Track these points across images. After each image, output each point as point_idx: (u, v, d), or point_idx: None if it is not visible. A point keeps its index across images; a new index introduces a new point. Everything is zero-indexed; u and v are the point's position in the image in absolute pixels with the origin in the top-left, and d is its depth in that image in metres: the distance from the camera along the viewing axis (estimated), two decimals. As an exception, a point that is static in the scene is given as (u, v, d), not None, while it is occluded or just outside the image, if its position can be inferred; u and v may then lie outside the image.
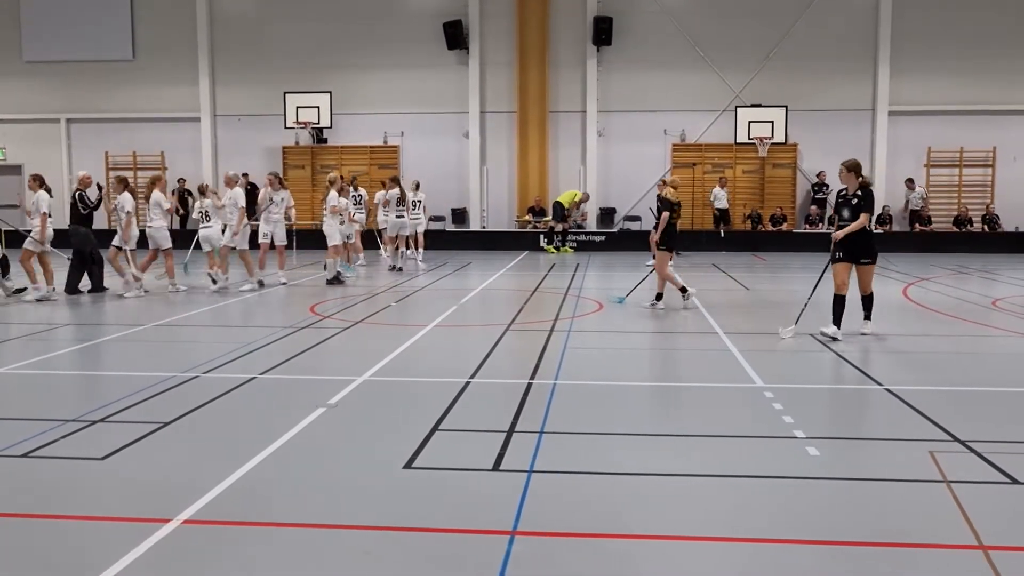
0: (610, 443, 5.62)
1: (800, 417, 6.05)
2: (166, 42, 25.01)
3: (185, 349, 9.09)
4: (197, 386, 7.06)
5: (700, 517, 4.34)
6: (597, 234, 23.74)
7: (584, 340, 9.45)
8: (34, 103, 25.59)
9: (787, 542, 4.00)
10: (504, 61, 24.35)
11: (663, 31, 23.97)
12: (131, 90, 25.21)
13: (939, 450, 5.30)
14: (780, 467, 5.06)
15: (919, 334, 10.32)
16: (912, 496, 4.61)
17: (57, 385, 7.38)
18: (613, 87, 24.27)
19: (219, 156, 25.46)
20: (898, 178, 23.88)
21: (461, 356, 8.46)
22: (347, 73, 24.57)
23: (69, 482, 4.85)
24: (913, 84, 23.60)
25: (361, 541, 4.06)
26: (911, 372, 7.99)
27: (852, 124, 23.88)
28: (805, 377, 7.60)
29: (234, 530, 4.14)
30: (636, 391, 7.11)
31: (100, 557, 3.77)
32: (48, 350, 8.78)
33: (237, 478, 4.78)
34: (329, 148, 25.01)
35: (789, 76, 23.69)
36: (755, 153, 23.90)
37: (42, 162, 25.04)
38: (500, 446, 5.37)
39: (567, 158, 24.70)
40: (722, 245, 23.04)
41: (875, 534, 4.09)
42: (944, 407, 6.41)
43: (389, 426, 6.00)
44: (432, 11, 24.24)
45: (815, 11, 23.61)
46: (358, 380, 7.23)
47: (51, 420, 5.95)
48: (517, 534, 4.05)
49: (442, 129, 24.56)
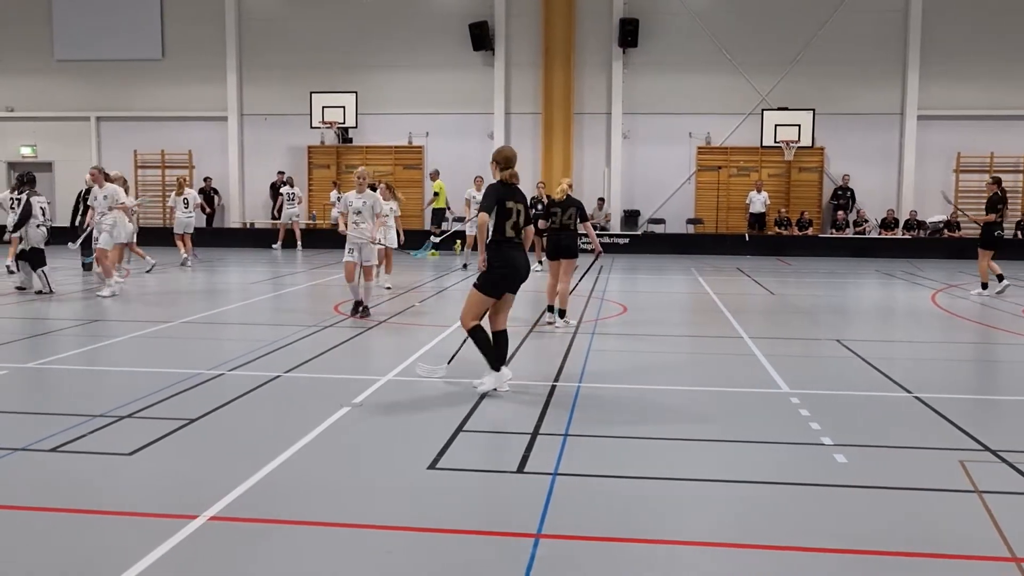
0: (635, 447, 5.59)
1: (827, 424, 5.98)
2: (195, 42, 25.23)
3: (211, 346, 9.15)
4: (223, 383, 7.10)
5: (726, 523, 4.30)
6: (621, 236, 23.67)
7: (608, 343, 9.41)
8: (65, 101, 25.89)
9: (814, 550, 3.95)
10: (529, 62, 24.35)
11: (689, 33, 23.87)
12: (160, 89, 25.45)
13: (970, 459, 5.23)
14: (807, 474, 5.01)
15: (948, 341, 10.19)
16: (942, 506, 4.55)
17: (85, 380, 7.44)
18: (638, 89, 24.19)
19: (245, 155, 25.65)
20: (927, 184, 23.62)
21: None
22: (373, 73, 24.66)
23: (97, 477, 4.89)
24: (943, 88, 23.34)
25: (384, 541, 4.06)
26: (940, 380, 7.88)
27: (880, 128, 23.66)
28: (832, 383, 7.52)
29: (259, 528, 4.15)
30: (661, 395, 7.07)
31: (127, 553, 3.79)
32: (75, 346, 8.86)
33: (262, 476, 4.80)
34: (354, 148, 25.11)
35: (817, 79, 23.51)
36: (781, 157, 23.74)
37: (72, 160, 25.41)
38: (524, 448, 5.35)
39: (591, 160, 24.66)
40: (746, 249, 22.90)
41: (904, 544, 4.03)
42: (974, 416, 6.32)
43: (413, 426, 6.00)
44: (458, 12, 24.28)
45: (843, 13, 23.41)
46: (382, 379, 7.24)
47: (79, 415, 6.00)
48: (542, 537, 4.04)
49: (467, 130, 24.58)
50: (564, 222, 10.13)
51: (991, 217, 13.85)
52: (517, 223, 6.85)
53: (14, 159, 26.27)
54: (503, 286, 6.87)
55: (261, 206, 25.52)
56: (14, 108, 26.18)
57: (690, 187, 24.52)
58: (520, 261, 6.87)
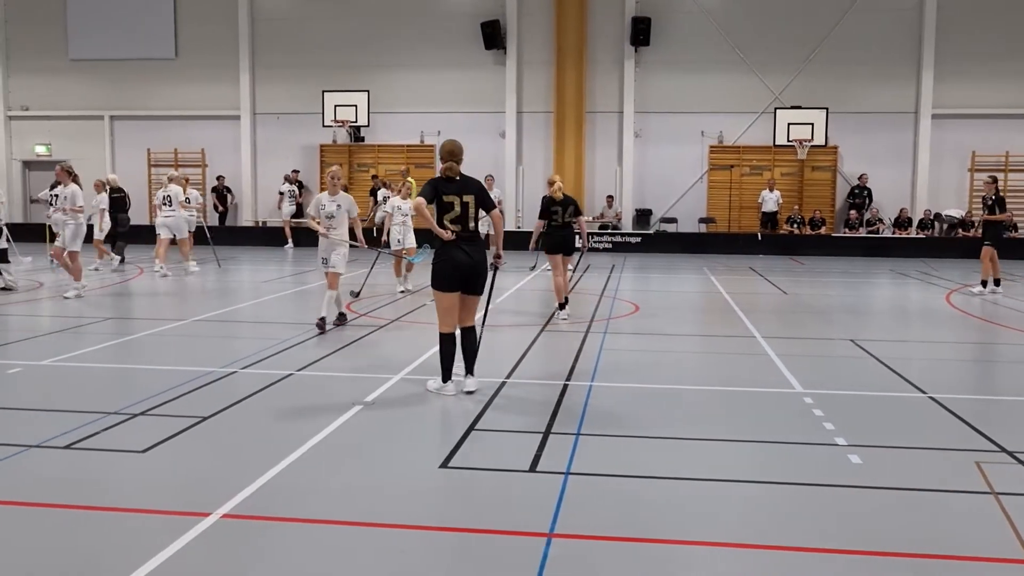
0: (647, 446, 5.57)
1: (841, 424, 5.95)
2: (208, 41, 25.32)
3: (223, 345, 9.18)
4: (235, 381, 7.12)
5: (738, 523, 4.28)
6: (633, 235, 23.62)
7: (621, 342, 9.39)
8: (79, 100, 26.03)
9: (827, 551, 3.92)
10: (541, 61, 24.32)
11: (702, 32, 23.78)
12: (173, 88, 25.55)
13: (986, 460, 5.19)
14: (821, 474, 4.98)
15: (963, 341, 10.11)
16: (958, 507, 4.51)
17: (99, 378, 7.47)
18: (650, 88, 24.13)
19: (258, 154, 25.72)
20: (941, 183, 23.47)
21: (496, 356, 8.44)
22: (385, 72, 24.68)
23: (110, 474, 4.91)
24: (958, 86, 23.17)
25: (396, 540, 4.05)
26: (955, 380, 7.83)
27: (894, 127, 23.52)
28: (846, 383, 7.47)
29: (271, 526, 4.15)
30: (673, 394, 7.05)
31: (140, 550, 3.81)
32: (88, 343, 8.90)
33: (274, 474, 4.81)
34: (366, 147, 25.15)
35: (830, 78, 23.38)
36: (794, 156, 23.63)
37: (86, 158, 25.55)
38: (536, 447, 5.34)
39: (603, 159, 24.61)
40: (759, 248, 22.82)
41: (919, 545, 4.00)
42: (990, 416, 6.27)
43: (425, 425, 6.00)
44: (470, 11, 24.27)
45: (857, 12, 23.28)
46: (394, 378, 7.25)
47: (93, 412, 6.03)
48: (554, 536, 4.02)
49: (479, 129, 24.55)
50: (566, 220, 10.67)
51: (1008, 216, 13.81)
52: (460, 216, 6.58)
53: (29, 158, 26.44)
54: (446, 281, 6.62)
55: (274, 205, 25.59)
56: (29, 107, 26.34)
57: (702, 186, 24.44)
58: (459, 256, 6.57)
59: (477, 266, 6.66)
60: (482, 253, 6.75)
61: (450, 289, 6.64)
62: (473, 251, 6.65)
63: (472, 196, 6.65)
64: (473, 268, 6.64)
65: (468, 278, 6.65)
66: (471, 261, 6.62)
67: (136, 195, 23.64)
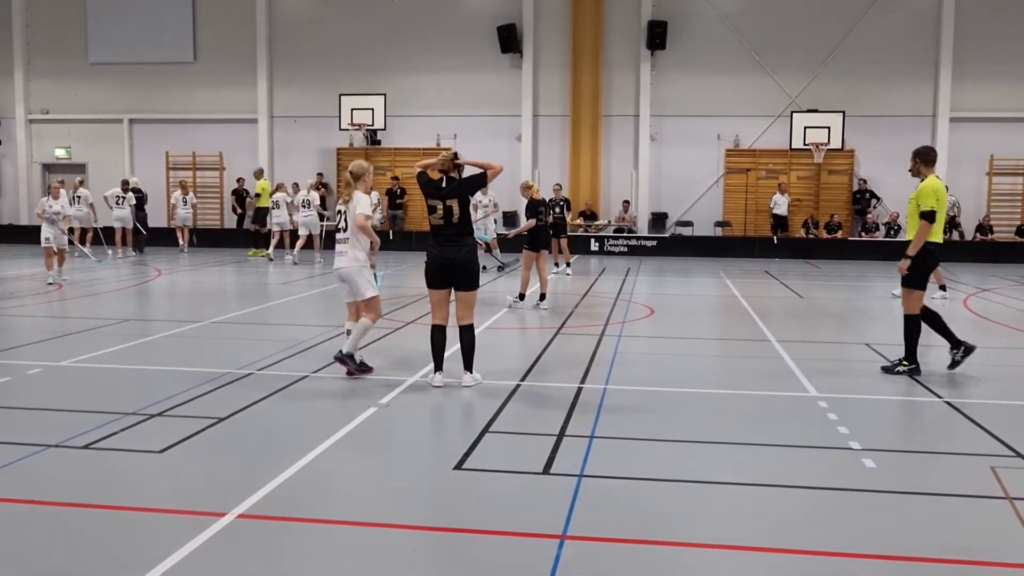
0: (661, 449, 5.58)
1: (856, 428, 5.93)
2: (226, 45, 25.49)
3: (240, 346, 9.24)
4: (252, 383, 7.17)
5: (751, 527, 4.28)
6: (649, 239, 23.58)
7: (636, 345, 9.38)
8: (98, 104, 26.26)
9: (841, 555, 3.92)
10: (557, 64, 24.33)
11: (718, 35, 23.73)
12: (191, 91, 25.73)
13: (1001, 465, 5.16)
14: (835, 479, 4.97)
15: (980, 346, 10.02)
16: (973, 512, 4.49)
17: (117, 378, 7.55)
18: (667, 91, 24.09)
19: (275, 157, 25.86)
20: (959, 187, 23.31)
21: (511, 359, 8.47)
22: (401, 75, 24.77)
23: (128, 474, 4.96)
24: (976, 89, 23.00)
25: (410, 540, 4.08)
26: (971, 385, 7.78)
27: (912, 130, 23.31)
28: (861, 387, 7.44)
29: (286, 526, 4.19)
30: (688, 397, 7.04)
31: (157, 549, 3.85)
32: (107, 344, 8.98)
33: (290, 475, 4.85)
34: (382, 150, 25.22)
35: (847, 81, 23.26)
36: (810, 159, 23.52)
37: (105, 161, 25.79)
38: (550, 449, 5.36)
39: (619, 162, 24.59)
40: (775, 252, 22.72)
41: (933, 550, 3.99)
42: (1006, 421, 6.23)
43: (440, 427, 6.03)
44: (486, 14, 24.33)
45: (874, 14, 23.16)
46: (409, 380, 7.29)
47: (111, 413, 6.10)
48: (567, 538, 4.04)
49: (495, 132, 24.59)
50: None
51: None
52: (443, 217, 7.00)
53: (49, 160, 26.71)
54: (431, 278, 7.11)
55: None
56: (49, 110, 26.60)
57: (718, 190, 24.37)
58: (443, 255, 7.01)
59: (462, 265, 7.05)
60: (467, 252, 7.09)
61: (436, 286, 7.11)
62: (455, 251, 7.02)
63: (456, 200, 7.04)
64: (457, 266, 7.05)
65: (453, 277, 7.06)
66: (454, 260, 7.01)
67: (153, 197, 23.92)
